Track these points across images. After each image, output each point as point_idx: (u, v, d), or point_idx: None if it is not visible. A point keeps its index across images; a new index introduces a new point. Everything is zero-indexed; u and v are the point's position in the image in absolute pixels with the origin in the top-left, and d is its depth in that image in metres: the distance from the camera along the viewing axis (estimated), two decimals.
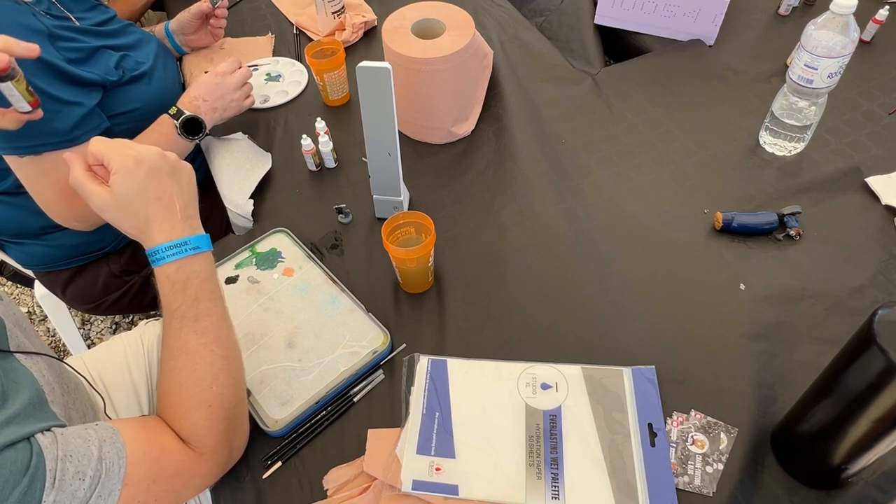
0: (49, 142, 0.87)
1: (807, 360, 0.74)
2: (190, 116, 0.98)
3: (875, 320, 0.52)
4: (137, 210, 0.62)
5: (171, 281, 0.63)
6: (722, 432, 0.69)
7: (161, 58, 1.10)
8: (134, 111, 1.00)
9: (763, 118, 1.00)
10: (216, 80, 1.01)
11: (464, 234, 0.92)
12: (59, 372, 0.68)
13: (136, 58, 1.03)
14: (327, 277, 0.86)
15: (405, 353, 0.79)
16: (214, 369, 0.63)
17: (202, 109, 1.00)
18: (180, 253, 0.63)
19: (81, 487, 0.51)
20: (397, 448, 0.69)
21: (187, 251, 0.63)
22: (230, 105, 1.03)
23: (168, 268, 0.63)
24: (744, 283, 0.83)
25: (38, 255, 1.08)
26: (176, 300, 0.63)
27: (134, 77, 1.00)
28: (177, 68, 1.18)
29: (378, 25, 1.29)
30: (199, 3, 1.19)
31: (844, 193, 0.92)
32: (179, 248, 0.63)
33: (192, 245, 0.64)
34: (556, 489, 0.65)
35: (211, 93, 1.00)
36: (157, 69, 1.06)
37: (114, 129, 0.98)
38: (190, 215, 0.66)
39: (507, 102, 1.10)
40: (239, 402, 0.66)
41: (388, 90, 0.77)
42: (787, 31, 1.20)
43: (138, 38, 1.08)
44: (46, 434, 0.52)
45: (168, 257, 0.63)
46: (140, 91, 1.01)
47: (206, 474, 0.63)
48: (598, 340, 0.79)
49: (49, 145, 0.87)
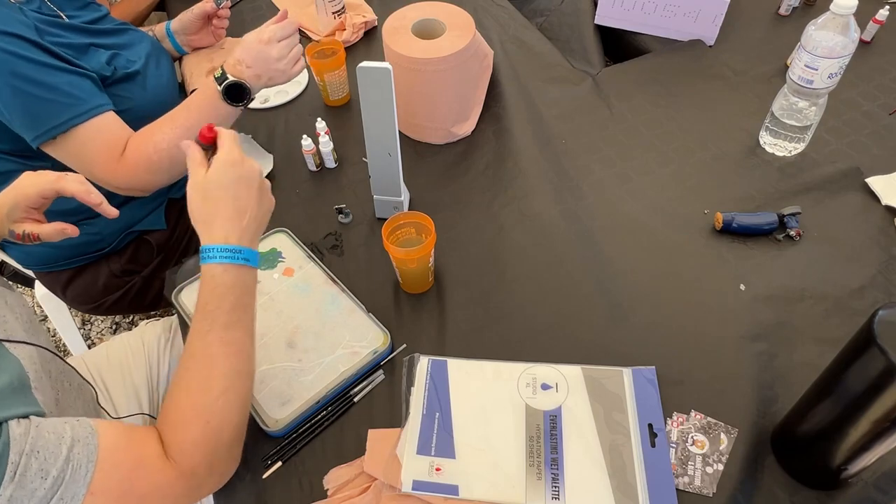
0: (73, 115, 0.87)
1: (807, 361, 0.74)
2: (234, 81, 0.91)
3: (875, 321, 0.52)
4: (214, 200, 0.65)
5: (216, 282, 0.64)
6: (722, 433, 0.69)
7: (153, 58, 1.07)
8: (126, 111, 0.97)
9: (763, 118, 1.00)
10: (260, 46, 0.93)
11: (464, 235, 0.92)
12: (56, 367, 0.68)
13: (127, 56, 1.01)
14: (327, 277, 0.86)
15: (405, 353, 0.79)
16: (226, 384, 0.62)
17: (245, 75, 0.92)
18: (231, 258, 0.64)
19: (42, 486, 0.49)
20: (397, 448, 0.69)
21: (238, 259, 0.64)
22: (275, 74, 0.94)
23: (215, 268, 0.64)
24: (744, 284, 0.83)
25: (39, 255, 1.08)
26: (213, 302, 0.63)
27: (127, 75, 0.98)
28: (172, 68, 1.16)
29: (378, 25, 1.29)
30: (202, 4, 1.18)
31: (844, 194, 0.92)
32: (232, 253, 0.64)
33: (245, 255, 0.65)
34: (557, 489, 0.65)
35: (255, 59, 0.92)
36: (149, 69, 1.04)
37: None
38: (254, 231, 0.67)
39: (508, 103, 1.10)
40: (238, 426, 0.64)
41: (388, 90, 0.77)
42: (787, 31, 1.20)
43: (130, 38, 1.06)
44: (21, 422, 0.50)
45: (219, 258, 0.64)
46: (132, 91, 0.99)
47: (180, 496, 0.60)
48: (598, 340, 0.79)
49: (75, 118, 0.87)
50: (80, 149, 0.90)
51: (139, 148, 0.93)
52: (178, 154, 0.89)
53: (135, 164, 0.92)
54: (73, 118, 0.87)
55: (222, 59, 1.24)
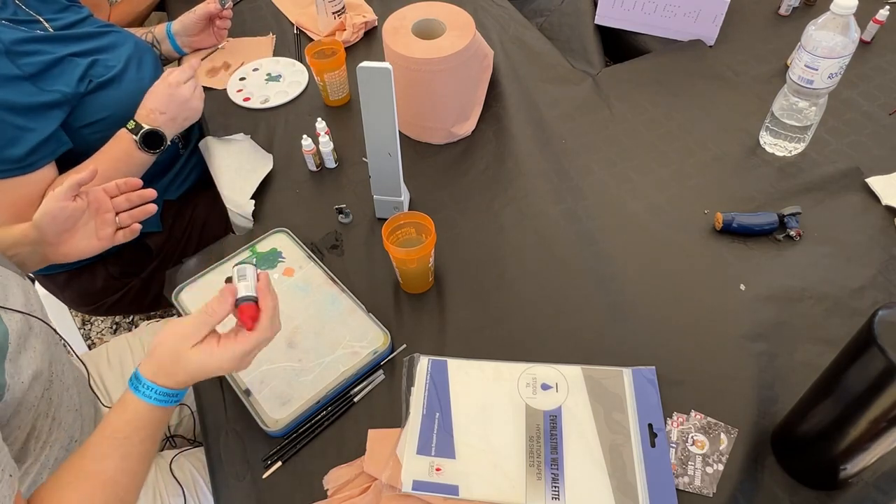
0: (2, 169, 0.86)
1: (807, 361, 0.74)
2: (149, 130, 0.95)
3: (875, 321, 0.52)
4: (180, 367, 0.60)
5: (138, 416, 0.60)
6: (722, 433, 0.69)
7: (135, 60, 1.05)
8: (105, 119, 0.97)
9: (763, 118, 1.00)
10: (170, 90, 0.97)
11: (464, 234, 0.92)
12: (57, 353, 0.68)
13: (105, 62, 0.99)
14: (328, 277, 0.86)
15: (405, 353, 0.79)
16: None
17: (160, 121, 0.97)
18: (166, 402, 0.61)
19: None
20: (397, 448, 0.69)
21: (171, 402, 0.61)
22: (189, 112, 1.00)
23: (142, 405, 0.60)
24: (744, 284, 0.83)
25: None
26: (125, 431, 0.60)
27: (101, 84, 0.97)
28: (156, 70, 1.12)
29: (378, 26, 1.29)
30: (205, 4, 1.18)
31: (845, 194, 0.92)
32: (168, 398, 0.61)
33: (179, 398, 0.62)
34: (557, 489, 0.65)
35: (166, 104, 0.97)
36: (128, 71, 1.02)
37: (88, 139, 0.96)
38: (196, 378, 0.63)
39: (508, 103, 1.10)
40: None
41: (388, 90, 0.77)
42: (787, 31, 1.20)
43: (113, 40, 1.04)
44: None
45: (154, 399, 0.60)
46: (109, 97, 0.98)
47: None
48: (598, 340, 0.79)
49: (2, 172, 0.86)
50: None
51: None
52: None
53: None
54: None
55: (222, 58, 1.25)
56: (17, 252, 0.75)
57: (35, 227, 0.74)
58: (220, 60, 1.25)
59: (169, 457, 0.85)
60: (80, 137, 0.95)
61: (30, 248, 0.76)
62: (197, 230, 1.19)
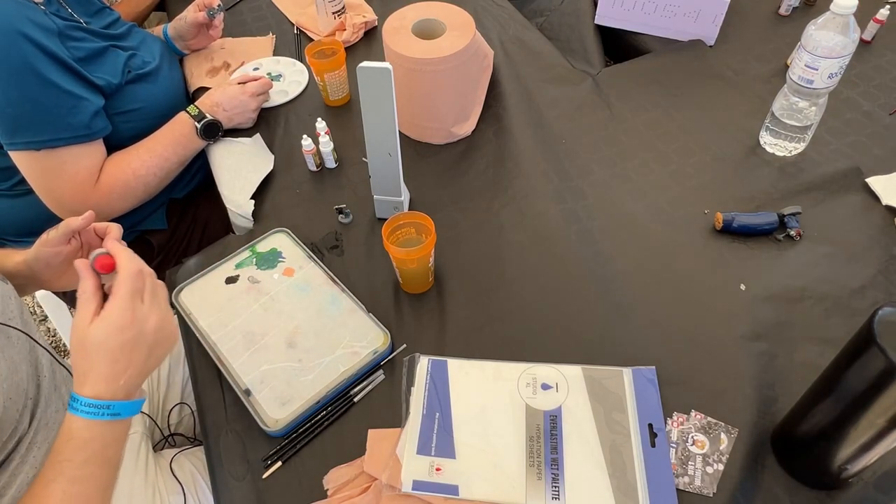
0: (67, 136, 0.89)
1: (807, 361, 0.74)
2: (211, 120, 1.04)
3: (875, 320, 0.52)
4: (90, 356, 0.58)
5: (72, 435, 0.58)
6: (722, 433, 0.69)
7: (167, 57, 1.12)
8: (139, 110, 1.01)
9: (763, 118, 1.00)
10: (242, 97, 1.06)
11: (464, 234, 0.92)
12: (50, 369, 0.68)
13: (143, 57, 1.05)
14: (328, 277, 0.86)
15: (405, 353, 0.79)
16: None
17: (219, 115, 1.05)
18: (96, 415, 0.58)
19: None
20: (397, 448, 0.69)
21: (104, 415, 0.58)
22: (245, 120, 1.09)
23: (76, 420, 0.58)
24: (744, 284, 0.83)
25: None
26: (65, 453, 0.57)
27: (140, 75, 1.02)
28: (180, 68, 1.20)
29: (378, 26, 1.29)
30: (194, 14, 1.19)
31: (845, 194, 0.92)
32: (97, 409, 0.58)
33: (114, 410, 0.59)
34: (557, 489, 0.65)
35: (233, 105, 1.06)
36: (163, 68, 1.09)
37: (120, 129, 0.99)
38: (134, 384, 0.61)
39: (508, 103, 1.10)
40: None
41: (388, 90, 0.77)
42: (787, 31, 1.20)
43: (143, 38, 1.10)
44: None
45: (82, 412, 0.58)
46: (146, 90, 1.02)
47: None
48: (598, 340, 0.79)
49: (67, 139, 0.90)
50: (55, 168, 0.91)
51: (116, 173, 0.96)
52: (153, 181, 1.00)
53: (109, 189, 0.96)
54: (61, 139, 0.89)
55: (222, 58, 1.25)
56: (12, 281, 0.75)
57: (28, 268, 0.74)
58: (221, 60, 1.25)
59: (169, 456, 0.85)
60: (112, 125, 0.98)
61: (23, 282, 0.76)
62: (199, 229, 1.20)
